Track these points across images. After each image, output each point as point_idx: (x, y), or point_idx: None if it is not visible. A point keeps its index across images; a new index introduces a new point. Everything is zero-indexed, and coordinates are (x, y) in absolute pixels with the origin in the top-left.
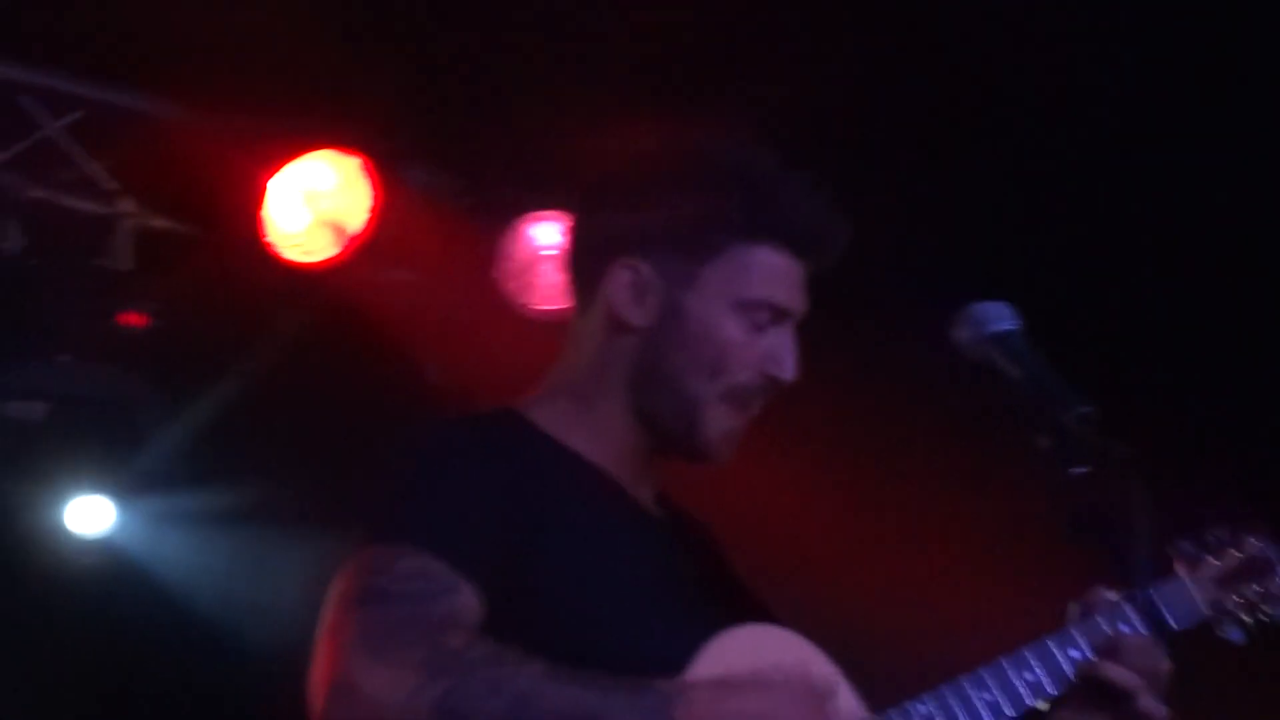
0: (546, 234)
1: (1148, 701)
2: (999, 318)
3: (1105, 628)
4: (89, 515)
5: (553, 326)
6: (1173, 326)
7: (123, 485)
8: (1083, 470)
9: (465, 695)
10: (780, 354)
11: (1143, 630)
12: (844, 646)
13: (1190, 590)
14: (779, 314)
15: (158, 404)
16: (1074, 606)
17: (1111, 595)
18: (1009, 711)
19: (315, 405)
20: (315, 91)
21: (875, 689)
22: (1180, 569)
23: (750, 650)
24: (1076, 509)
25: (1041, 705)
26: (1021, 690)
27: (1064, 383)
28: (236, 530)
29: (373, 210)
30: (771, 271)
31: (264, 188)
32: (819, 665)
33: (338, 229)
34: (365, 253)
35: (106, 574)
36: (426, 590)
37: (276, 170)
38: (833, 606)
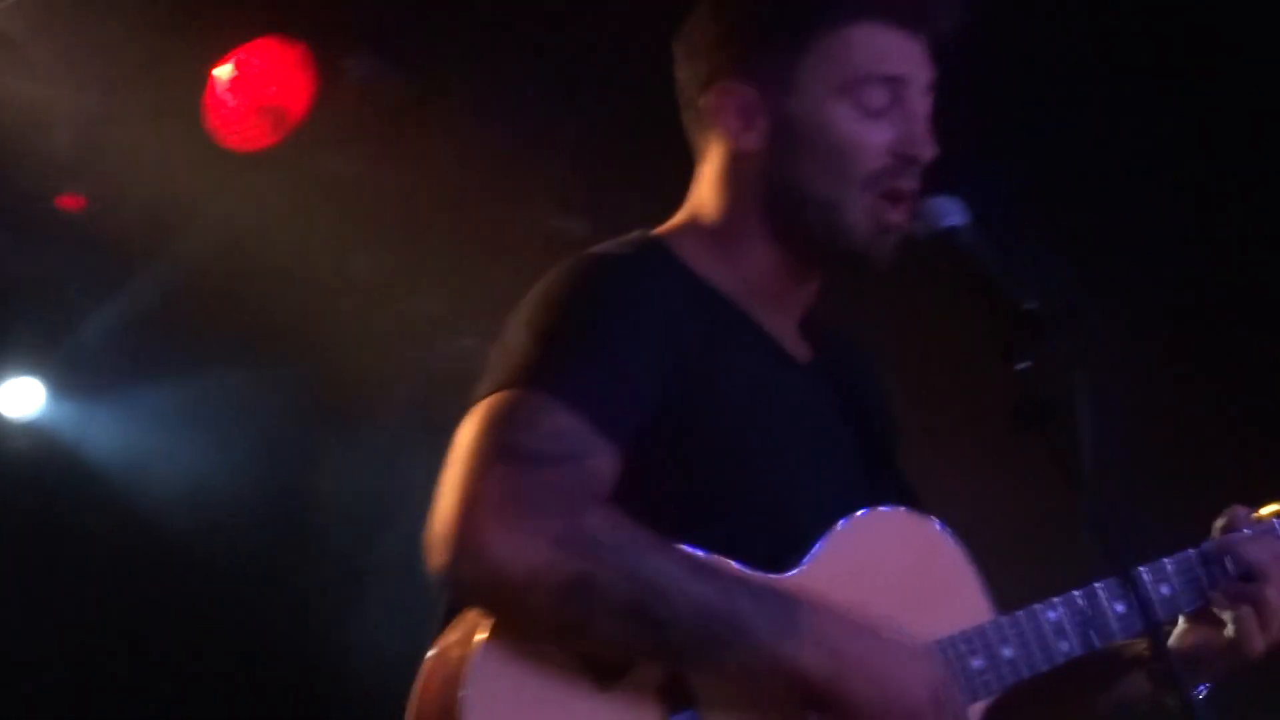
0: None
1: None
2: (948, 213)
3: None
4: (20, 397)
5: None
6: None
7: (54, 368)
8: (1026, 365)
9: (595, 580)
10: (910, 128)
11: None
12: None
13: None
14: (894, 86)
15: (92, 287)
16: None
17: (1245, 513)
18: (1138, 626)
19: (248, 293)
20: None
21: None
22: None
23: (881, 541)
24: (1018, 403)
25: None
26: (1157, 604)
27: (1014, 277)
28: (167, 415)
29: (311, 99)
30: (870, 45)
31: (206, 74)
32: (953, 559)
33: (277, 116)
34: (303, 141)
35: (37, 457)
36: (567, 452)
37: (218, 57)
38: None
